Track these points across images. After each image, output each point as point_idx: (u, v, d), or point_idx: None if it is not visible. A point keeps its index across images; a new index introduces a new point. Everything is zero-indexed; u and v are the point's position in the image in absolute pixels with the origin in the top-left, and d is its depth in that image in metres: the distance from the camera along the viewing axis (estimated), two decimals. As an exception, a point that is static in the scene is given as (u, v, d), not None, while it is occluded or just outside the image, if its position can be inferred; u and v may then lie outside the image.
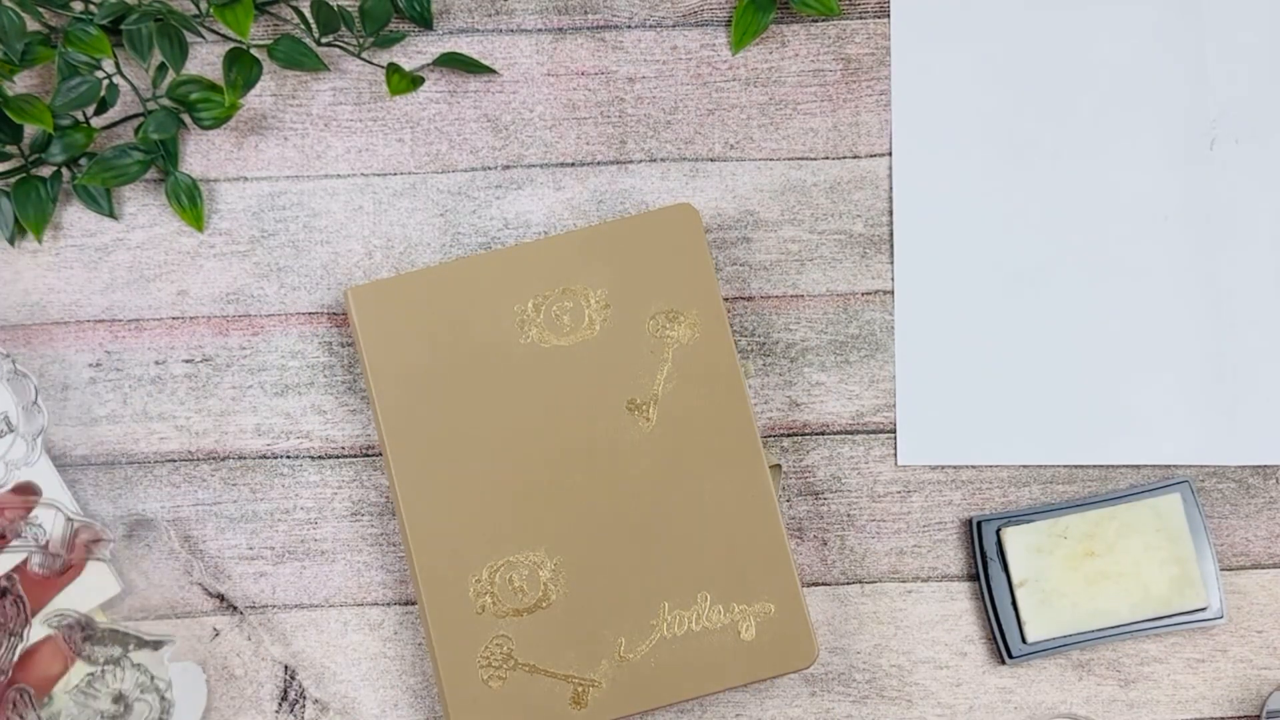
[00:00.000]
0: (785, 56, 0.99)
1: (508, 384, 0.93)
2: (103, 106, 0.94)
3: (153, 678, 0.62)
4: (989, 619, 0.95)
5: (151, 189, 0.97)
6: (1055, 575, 0.94)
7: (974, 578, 0.96)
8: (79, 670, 0.60)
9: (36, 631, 0.62)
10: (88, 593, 0.91)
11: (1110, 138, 0.99)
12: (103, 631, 0.61)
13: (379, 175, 0.98)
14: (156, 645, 0.64)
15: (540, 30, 0.99)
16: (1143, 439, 0.97)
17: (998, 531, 0.94)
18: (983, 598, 0.95)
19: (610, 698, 0.91)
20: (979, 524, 0.95)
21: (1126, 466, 0.97)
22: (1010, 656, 0.94)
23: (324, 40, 0.96)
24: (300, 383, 0.96)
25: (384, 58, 0.98)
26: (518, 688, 0.90)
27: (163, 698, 0.61)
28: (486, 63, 0.98)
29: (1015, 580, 0.94)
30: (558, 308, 0.94)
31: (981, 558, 0.94)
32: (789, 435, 0.97)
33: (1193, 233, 0.99)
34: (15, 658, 0.58)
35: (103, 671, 0.61)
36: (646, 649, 0.91)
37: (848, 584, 0.96)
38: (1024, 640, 0.94)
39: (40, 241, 0.95)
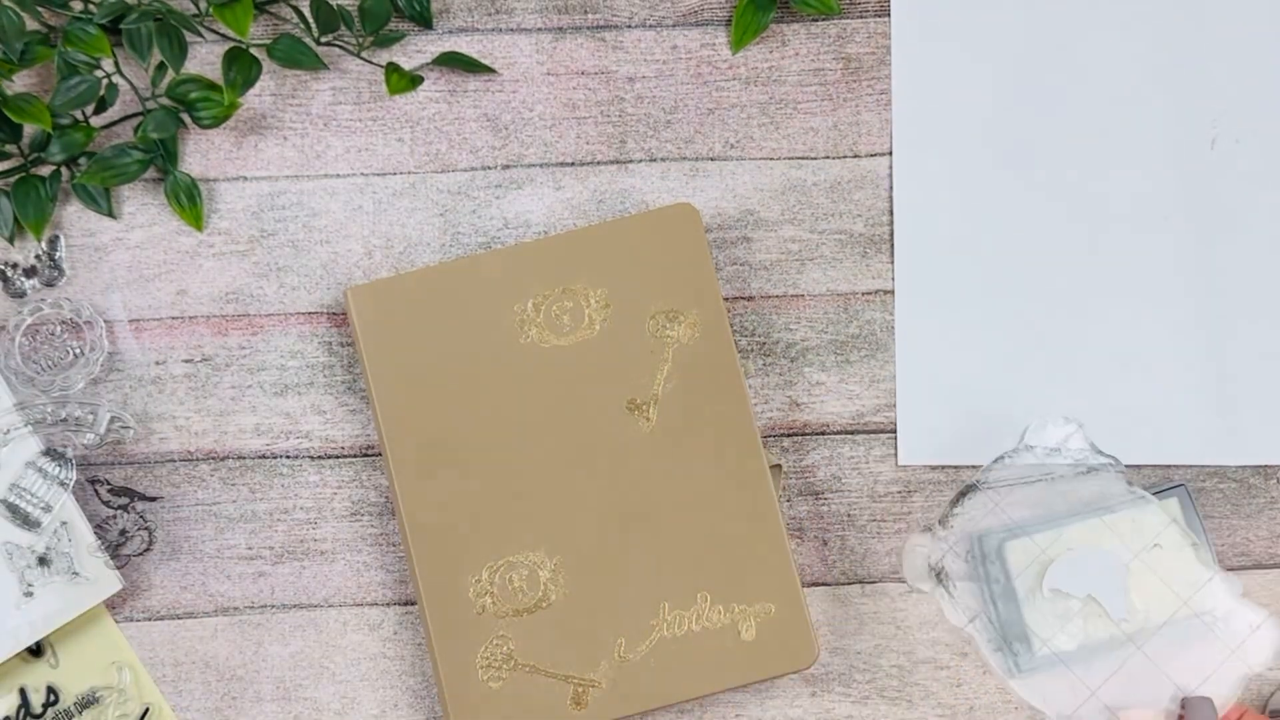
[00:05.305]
0: (785, 56, 0.99)
1: (508, 384, 0.93)
2: (102, 106, 0.94)
3: (144, 516, 0.95)
4: (989, 619, 0.94)
5: (151, 188, 0.97)
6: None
7: (974, 578, 0.96)
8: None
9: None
10: (89, 591, 0.92)
11: (1110, 137, 0.99)
12: (119, 488, 0.95)
13: (379, 175, 0.98)
14: (153, 498, 0.95)
15: (540, 30, 0.99)
16: (1142, 439, 0.97)
17: (1000, 543, 0.93)
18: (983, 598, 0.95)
19: (610, 698, 0.90)
20: (980, 537, 0.94)
21: (1126, 466, 0.97)
22: (1010, 656, 0.94)
23: (323, 40, 0.96)
24: (300, 383, 0.96)
25: (383, 57, 0.98)
26: (518, 688, 0.90)
27: (150, 533, 0.95)
28: (486, 62, 0.98)
29: (1016, 582, 0.94)
30: (558, 308, 0.93)
31: (982, 558, 0.94)
32: (789, 435, 0.97)
33: (1193, 233, 0.99)
34: None
35: (115, 514, 0.95)
36: (646, 649, 0.91)
37: (848, 584, 0.96)
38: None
39: (40, 241, 0.95)
